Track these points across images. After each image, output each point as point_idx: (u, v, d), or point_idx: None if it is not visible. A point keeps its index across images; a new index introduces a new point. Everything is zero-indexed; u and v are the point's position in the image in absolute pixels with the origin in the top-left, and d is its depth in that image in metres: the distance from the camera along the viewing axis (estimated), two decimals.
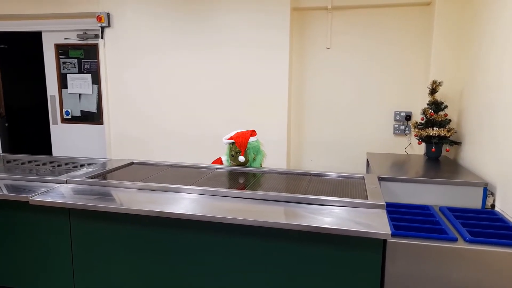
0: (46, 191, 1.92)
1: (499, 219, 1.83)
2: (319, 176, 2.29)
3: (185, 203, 1.76)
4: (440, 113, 2.80)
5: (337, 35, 3.38)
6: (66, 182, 2.09)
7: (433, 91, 2.85)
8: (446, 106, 2.80)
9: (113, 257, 1.84)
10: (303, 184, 2.07)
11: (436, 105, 2.80)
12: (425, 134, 2.78)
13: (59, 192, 1.92)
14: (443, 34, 2.99)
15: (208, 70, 3.49)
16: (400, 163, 2.70)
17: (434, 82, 2.84)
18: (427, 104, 2.85)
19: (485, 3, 2.40)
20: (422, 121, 2.87)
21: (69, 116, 4.03)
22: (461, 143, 2.75)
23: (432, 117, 2.79)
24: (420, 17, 3.20)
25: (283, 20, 3.26)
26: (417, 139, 2.92)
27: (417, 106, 3.28)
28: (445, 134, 2.72)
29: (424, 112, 2.85)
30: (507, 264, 1.48)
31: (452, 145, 2.82)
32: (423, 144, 2.97)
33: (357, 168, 3.48)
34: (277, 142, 3.42)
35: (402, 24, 3.25)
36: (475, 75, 2.54)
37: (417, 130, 2.86)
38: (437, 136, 2.74)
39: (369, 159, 2.87)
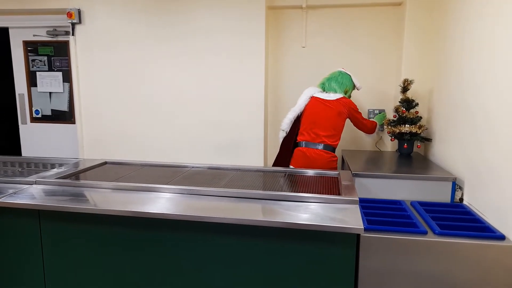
0: (14, 193, 1.85)
1: (467, 212, 1.90)
2: (295, 173, 2.31)
3: (161, 202, 1.73)
4: (412, 110, 2.88)
5: (312, 34, 3.42)
6: (36, 183, 2.03)
7: (404, 89, 2.92)
8: (417, 104, 2.88)
9: (86, 260, 1.79)
10: (280, 182, 2.09)
11: (408, 103, 2.88)
12: (398, 131, 2.85)
13: (28, 193, 1.86)
14: (414, 34, 3.07)
15: (182, 69, 3.45)
16: (373, 159, 2.75)
17: (405, 80, 2.91)
18: (399, 102, 2.93)
19: (454, 3, 2.48)
20: (395, 119, 2.94)
21: (39, 116, 3.90)
22: (431, 139, 2.84)
23: (404, 115, 2.86)
24: (392, 17, 3.28)
25: (258, 19, 3.27)
26: (389, 136, 2.99)
27: (390, 104, 3.36)
28: (416, 131, 2.80)
29: (396, 110, 2.93)
30: (474, 255, 1.54)
31: (423, 142, 2.91)
32: (396, 141, 3.05)
33: None
34: (254, 141, 3.43)
35: (375, 24, 3.32)
36: (442, 74, 2.63)
37: (389, 127, 2.93)
38: (408, 133, 2.81)
39: (344, 156, 2.92)
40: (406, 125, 2.82)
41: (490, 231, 1.64)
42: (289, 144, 2.96)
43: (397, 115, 2.92)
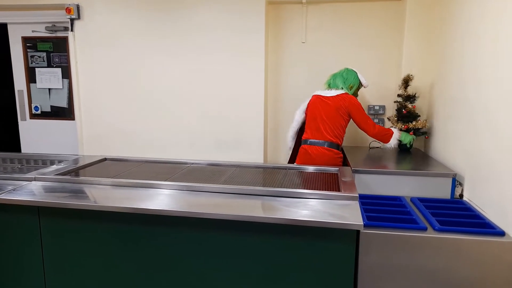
0: (13, 189, 1.85)
1: (467, 208, 1.90)
2: (295, 169, 2.31)
3: (160, 199, 1.73)
4: (409, 105, 2.88)
5: (312, 29, 3.40)
6: (35, 179, 2.02)
7: (406, 84, 2.91)
8: (415, 99, 2.89)
9: (85, 256, 1.80)
10: (279, 178, 2.09)
11: (411, 98, 2.88)
12: (404, 126, 2.84)
13: (27, 190, 1.85)
14: (414, 29, 3.06)
15: (181, 65, 3.44)
16: (373, 155, 2.75)
17: (407, 76, 2.90)
18: (401, 97, 2.92)
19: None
20: (396, 114, 2.94)
21: (39, 112, 3.89)
22: (431, 135, 2.83)
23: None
24: (392, 12, 3.26)
25: (258, 14, 3.25)
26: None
27: (390, 99, 3.35)
28: (421, 126, 2.80)
29: (400, 105, 2.92)
30: (474, 251, 1.54)
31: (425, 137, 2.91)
32: None
33: None
34: (254, 137, 3.42)
35: (375, 19, 3.30)
36: (441, 69, 2.62)
37: (393, 122, 2.92)
38: (415, 128, 2.81)
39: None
40: (418, 119, 2.82)
41: (490, 227, 1.64)
42: (297, 143, 3.06)
43: (398, 110, 2.92)
